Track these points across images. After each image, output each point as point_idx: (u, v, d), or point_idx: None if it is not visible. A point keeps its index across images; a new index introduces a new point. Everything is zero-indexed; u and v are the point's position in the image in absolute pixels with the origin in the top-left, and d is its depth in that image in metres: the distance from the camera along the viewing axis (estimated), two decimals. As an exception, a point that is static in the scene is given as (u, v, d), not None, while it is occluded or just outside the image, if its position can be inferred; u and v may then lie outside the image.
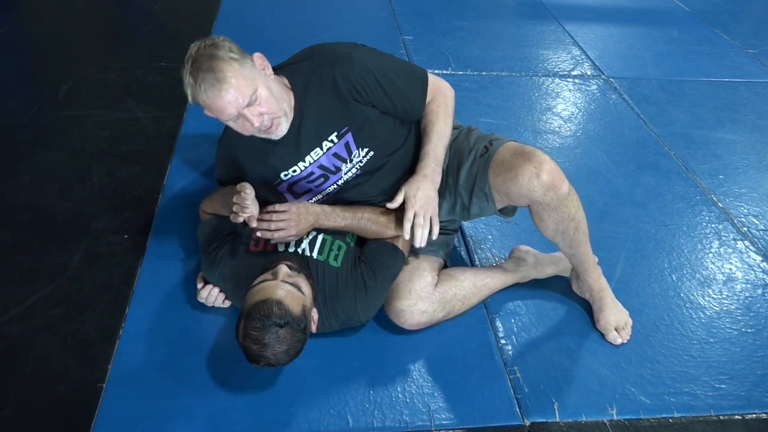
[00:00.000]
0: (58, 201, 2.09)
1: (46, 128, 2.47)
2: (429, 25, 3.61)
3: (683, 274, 1.97)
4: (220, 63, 1.40)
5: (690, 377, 1.64)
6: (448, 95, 1.70)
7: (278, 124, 1.51)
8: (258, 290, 1.42)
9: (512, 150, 1.59)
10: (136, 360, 1.59)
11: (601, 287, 1.77)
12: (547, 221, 1.63)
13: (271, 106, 1.47)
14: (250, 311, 1.37)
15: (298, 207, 1.55)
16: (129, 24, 3.52)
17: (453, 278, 1.73)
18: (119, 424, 1.44)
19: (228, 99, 1.42)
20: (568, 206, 1.59)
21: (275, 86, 1.50)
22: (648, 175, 2.44)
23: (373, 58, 1.61)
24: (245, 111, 1.44)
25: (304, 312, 1.40)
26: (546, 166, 1.52)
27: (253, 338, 1.35)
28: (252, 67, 1.47)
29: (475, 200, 1.67)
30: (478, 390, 1.57)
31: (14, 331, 1.64)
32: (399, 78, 1.61)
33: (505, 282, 1.83)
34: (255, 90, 1.43)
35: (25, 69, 2.96)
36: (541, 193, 1.53)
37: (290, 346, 1.37)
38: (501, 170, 1.58)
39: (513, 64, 3.22)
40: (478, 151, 1.67)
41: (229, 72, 1.40)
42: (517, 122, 2.72)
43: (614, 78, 3.16)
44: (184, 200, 2.11)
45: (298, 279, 1.46)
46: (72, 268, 1.84)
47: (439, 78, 1.72)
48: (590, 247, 1.72)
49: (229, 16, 3.56)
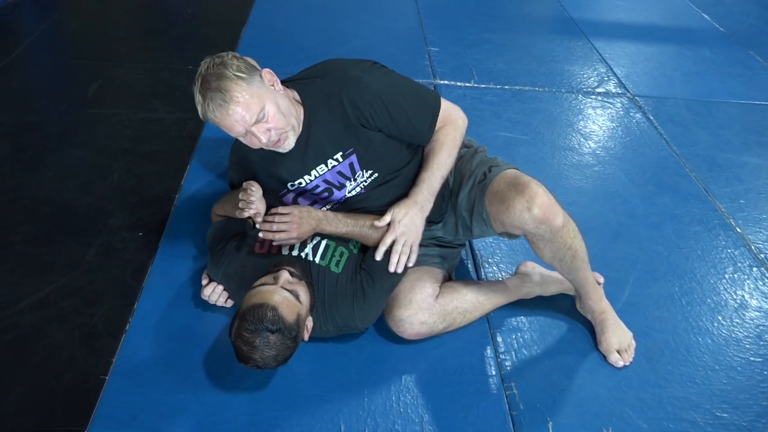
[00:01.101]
0: (79, 196, 2.16)
1: (73, 125, 2.55)
2: (456, 37, 3.62)
3: (693, 299, 1.94)
4: (228, 82, 1.42)
5: (691, 404, 1.61)
6: (458, 125, 1.68)
7: (286, 138, 1.53)
8: (256, 293, 1.44)
9: (507, 180, 1.59)
10: (139, 355, 1.63)
11: (602, 309, 1.75)
12: (543, 250, 1.64)
13: (278, 122, 1.48)
14: (244, 313, 1.40)
15: (300, 211, 1.58)
16: (161, 26, 3.61)
17: (455, 291, 1.74)
18: (118, 416, 1.47)
19: (236, 118, 1.44)
20: (563, 237, 1.60)
21: (283, 102, 1.51)
22: (666, 196, 2.40)
23: (384, 82, 1.59)
24: (253, 128, 1.47)
25: (297, 321, 1.42)
26: (538, 201, 1.52)
27: (244, 339, 1.38)
28: (260, 83, 1.48)
29: (476, 223, 1.69)
30: (473, 404, 1.57)
31: (26, 321, 1.70)
32: (408, 105, 1.60)
33: (509, 298, 1.83)
34: (262, 108, 1.45)
35: (59, 67, 3.06)
36: (533, 226, 1.54)
37: (279, 352, 1.39)
38: (495, 200, 1.59)
39: (537, 78, 3.21)
40: (477, 177, 1.68)
41: (236, 92, 1.42)
42: (536, 137, 2.71)
43: (640, 96, 3.12)
44: (199, 201, 2.16)
45: (297, 287, 1.48)
46: (86, 262, 1.89)
47: (454, 106, 1.71)
48: (590, 272, 1.72)
49: (259, 22, 3.63)
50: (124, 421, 1.46)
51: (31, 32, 3.35)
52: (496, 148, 2.57)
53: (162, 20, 3.73)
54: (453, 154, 1.66)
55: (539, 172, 2.43)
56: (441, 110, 1.65)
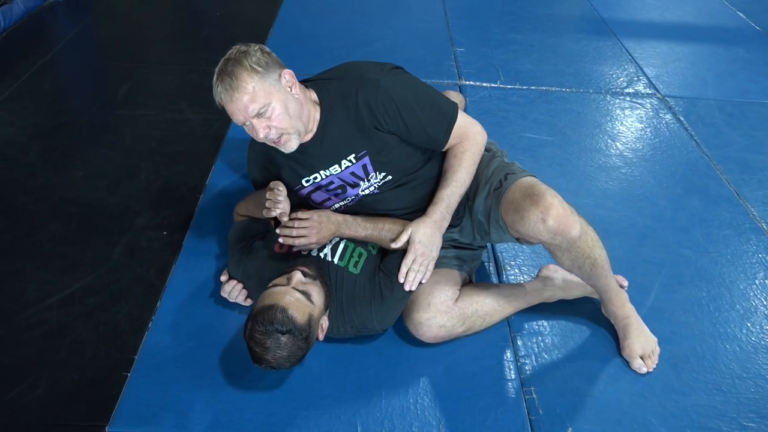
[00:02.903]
0: (106, 196, 2.20)
1: (103, 126, 2.61)
2: (482, 37, 3.60)
3: (722, 305, 1.89)
4: (242, 71, 1.45)
5: (717, 412, 1.57)
6: (478, 141, 1.66)
7: (287, 140, 1.53)
8: (268, 294, 1.46)
9: (522, 190, 1.57)
10: (161, 352, 1.65)
11: (625, 314, 1.72)
12: (561, 258, 1.63)
13: (282, 122, 1.49)
14: (256, 314, 1.41)
15: (320, 215, 1.59)
16: (190, 28, 3.67)
17: (475, 294, 1.72)
18: (138, 413, 1.50)
19: (238, 106, 1.47)
20: (581, 247, 1.58)
21: (294, 104, 1.51)
22: (695, 199, 2.35)
23: (401, 87, 1.58)
24: (253, 120, 1.49)
25: (309, 321, 1.43)
26: (553, 212, 1.50)
27: (256, 341, 1.40)
28: (275, 81, 1.49)
29: (493, 229, 1.67)
30: (491, 408, 1.56)
31: (53, 317, 1.74)
32: (423, 111, 1.59)
33: (530, 301, 1.81)
34: (268, 104, 1.47)
35: (91, 69, 3.13)
36: (548, 237, 1.53)
37: (291, 353, 1.40)
38: (510, 210, 1.58)
39: (564, 79, 3.17)
40: (493, 184, 1.66)
41: (245, 81, 1.45)
42: (563, 139, 2.67)
43: (670, 97, 3.06)
44: (223, 201, 2.18)
45: (310, 287, 1.49)
46: (112, 261, 1.93)
47: (473, 121, 1.69)
48: (611, 279, 1.69)
49: (286, 22, 3.66)
50: (145, 418, 1.49)
51: (66, 34, 3.43)
52: (521, 149, 2.56)
53: (191, 22, 3.79)
54: (472, 172, 1.65)
55: (565, 174, 2.43)
56: (458, 124, 1.63)
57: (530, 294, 1.80)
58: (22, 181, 2.26)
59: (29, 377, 1.57)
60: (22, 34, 3.39)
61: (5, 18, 3.32)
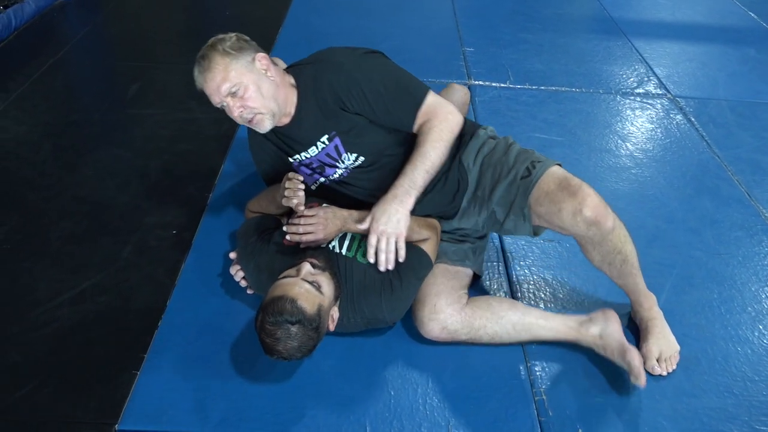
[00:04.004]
0: (116, 195, 2.21)
1: (113, 125, 2.62)
2: (492, 36, 3.59)
3: (733, 307, 1.88)
4: (215, 54, 1.57)
5: (728, 415, 1.56)
6: (448, 120, 1.64)
7: (260, 120, 1.61)
8: (278, 286, 1.47)
9: (557, 181, 1.58)
10: (170, 351, 1.65)
11: (651, 317, 1.71)
12: (593, 253, 1.63)
13: (254, 102, 1.58)
14: (266, 306, 1.43)
15: (325, 211, 1.62)
16: (200, 28, 3.68)
17: (491, 310, 1.66)
18: (148, 411, 1.50)
19: (212, 86, 1.58)
20: (613, 240, 1.58)
21: (267, 85, 1.59)
22: (706, 200, 2.33)
23: (368, 69, 1.63)
24: (227, 100, 1.58)
25: (319, 311, 1.44)
26: (590, 201, 1.51)
27: (267, 332, 1.41)
28: (249, 63, 1.58)
29: (512, 217, 1.66)
30: (501, 409, 1.55)
31: (63, 315, 1.74)
32: (389, 92, 1.62)
33: (556, 336, 1.68)
34: (239, 84, 1.56)
35: (101, 68, 3.15)
36: (584, 228, 1.53)
37: (302, 343, 1.41)
38: (544, 201, 1.57)
39: (574, 79, 3.16)
40: (519, 172, 1.65)
41: (217, 63, 1.56)
42: (572, 139, 2.66)
43: (681, 97, 3.04)
44: (232, 200, 2.19)
45: (320, 277, 1.50)
46: (121, 260, 1.94)
47: (447, 103, 1.68)
48: (641, 279, 1.69)
49: (295, 21, 3.66)
50: (154, 416, 1.49)
51: (76, 34, 3.45)
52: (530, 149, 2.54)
53: (201, 22, 3.80)
54: (439, 147, 1.60)
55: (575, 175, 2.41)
56: (427, 104, 1.63)
57: (561, 330, 1.68)
58: (32, 179, 2.28)
59: (40, 375, 1.58)
60: (33, 34, 3.41)
61: (17, 17, 3.34)
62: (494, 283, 1.92)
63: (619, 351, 1.59)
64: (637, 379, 1.53)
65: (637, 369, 1.53)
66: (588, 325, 1.66)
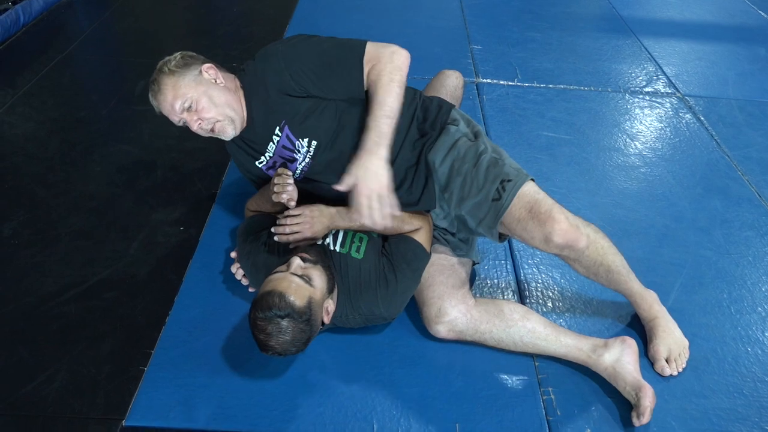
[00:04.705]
0: (124, 191, 2.21)
1: (121, 122, 2.62)
2: (500, 35, 3.57)
3: (743, 307, 1.86)
4: (162, 76, 1.63)
5: (738, 416, 1.55)
6: (394, 60, 1.59)
7: (221, 128, 1.64)
8: (267, 281, 1.47)
9: (527, 207, 1.55)
10: (177, 347, 1.65)
11: (653, 316, 1.70)
12: (576, 266, 1.67)
13: (208, 112, 1.61)
14: (256, 302, 1.43)
15: (311, 210, 1.62)
16: (208, 25, 3.67)
17: (501, 317, 1.63)
18: (155, 407, 1.50)
19: (166, 106, 1.63)
20: (591, 255, 1.60)
21: (218, 94, 1.62)
22: (716, 199, 2.32)
23: (303, 46, 1.64)
24: (184, 116, 1.63)
25: (309, 304, 1.43)
26: (558, 228, 1.51)
27: (258, 328, 1.41)
28: (196, 77, 1.62)
29: (481, 231, 1.66)
30: (509, 407, 1.54)
31: (71, 311, 1.75)
32: (330, 57, 1.61)
33: (566, 356, 1.63)
34: (189, 98, 1.60)
35: (109, 64, 3.14)
36: (557, 251, 1.57)
37: (294, 337, 1.41)
38: (515, 227, 1.57)
39: (582, 78, 3.14)
40: (490, 193, 1.59)
41: (165, 84, 1.62)
42: (581, 138, 2.65)
43: (690, 96, 3.02)
44: (238, 198, 2.18)
45: (311, 271, 1.50)
46: (129, 256, 1.94)
47: (387, 44, 1.63)
48: (633, 282, 1.69)
49: (302, 20, 3.65)
50: (161, 413, 1.49)
51: (84, 30, 3.45)
52: (538, 148, 2.54)
53: (208, 19, 3.80)
54: (392, 89, 1.56)
55: (583, 174, 2.41)
56: (369, 52, 1.60)
57: (571, 352, 1.62)
58: (41, 175, 2.28)
59: (47, 370, 1.58)
60: (41, 30, 3.41)
61: (25, 13, 3.35)
62: (502, 282, 1.91)
63: (632, 385, 1.53)
64: (639, 417, 1.47)
65: (644, 408, 1.47)
66: (602, 352, 1.59)
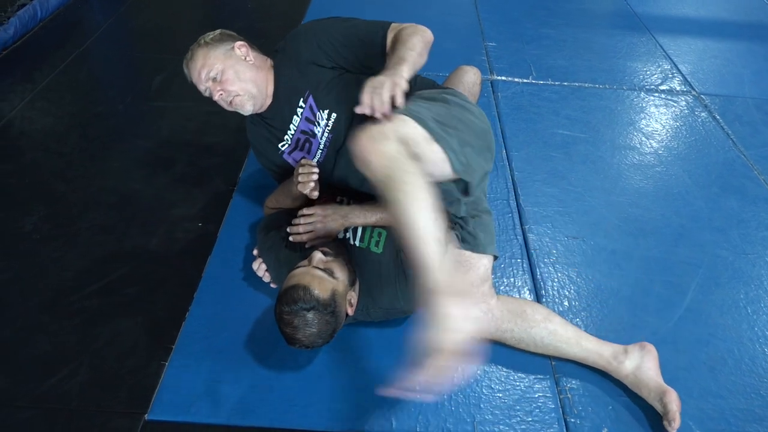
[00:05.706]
0: (143, 187, 2.23)
1: (138, 117, 2.64)
2: (514, 32, 3.56)
3: (760, 307, 1.86)
4: (196, 47, 1.75)
5: (755, 417, 1.55)
6: (420, 28, 1.67)
7: (241, 103, 1.72)
8: (291, 276, 1.49)
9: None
10: (198, 342, 1.67)
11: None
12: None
13: (231, 85, 1.69)
14: (281, 296, 1.45)
15: (324, 209, 1.65)
16: (222, 20, 3.67)
17: (523, 317, 1.63)
18: (176, 402, 1.52)
19: (194, 75, 1.74)
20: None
21: (246, 70, 1.71)
22: (732, 199, 2.31)
23: (331, 21, 1.77)
24: (209, 84, 1.72)
25: (333, 296, 1.45)
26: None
27: (285, 322, 1.44)
28: (227, 51, 1.72)
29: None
30: (527, 407, 1.56)
31: (92, 306, 1.77)
32: (358, 29, 1.71)
33: (585, 361, 1.63)
34: (215, 69, 1.69)
35: (125, 60, 3.16)
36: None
37: (320, 329, 1.43)
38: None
39: (597, 75, 3.13)
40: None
41: (198, 53, 1.73)
42: (596, 135, 2.65)
43: (705, 95, 3.01)
44: (257, 193, 2.19)
45: (332, 264, 1.52)
46: (149, 251, 1.96)
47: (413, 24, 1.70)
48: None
49: (316, 15, 3.63)
50: (182, 407, 1.51)
51: (100, 25, 3.47)
52: (553, 146, 2.54)
53: (223, 14, 3.81)
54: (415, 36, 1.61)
55: (598, 172, 2.41)
56: (393, 24, 1.71)
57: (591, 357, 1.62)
58: (60, 170, 2.30)
59: (70, 365, 1.60)
60: (58, 25, 3.43)
61: (42, 9, 3.37)
62: (518, 280, 1.92)
63: (656, 391, 1.51)
64: (670, 423, 1.46)
65: (674, 414, 1.46)
66: (622, 359, 1.58)
